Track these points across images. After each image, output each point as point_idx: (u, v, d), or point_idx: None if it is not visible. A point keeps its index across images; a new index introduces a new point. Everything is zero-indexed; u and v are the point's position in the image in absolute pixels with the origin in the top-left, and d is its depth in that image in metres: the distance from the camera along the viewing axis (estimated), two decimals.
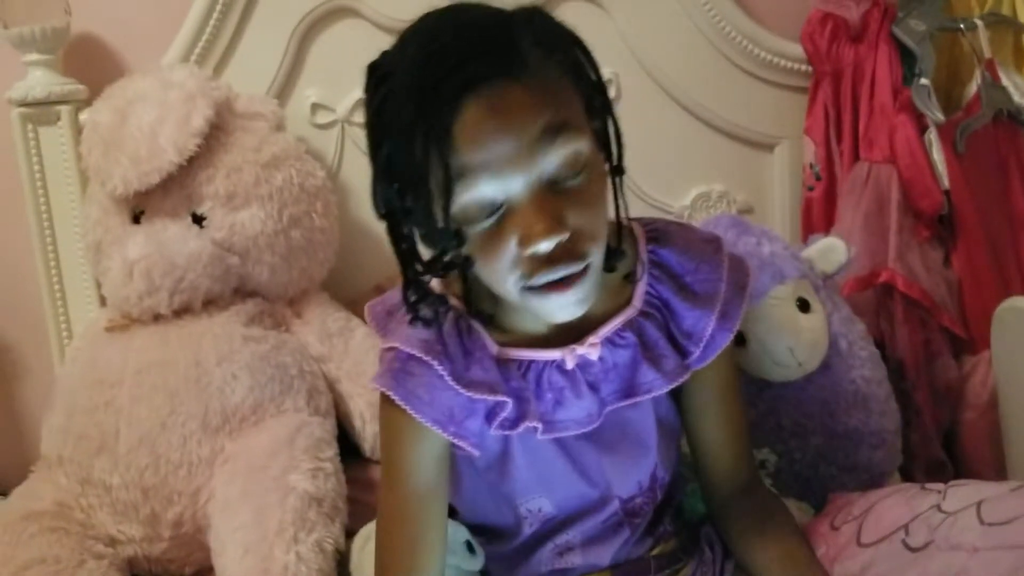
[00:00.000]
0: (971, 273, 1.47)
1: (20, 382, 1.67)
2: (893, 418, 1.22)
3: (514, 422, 0.87)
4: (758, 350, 1.14)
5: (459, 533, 0.97)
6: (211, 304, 1.35)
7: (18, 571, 1.15)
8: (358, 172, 1.55)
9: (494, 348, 0.87)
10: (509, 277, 0.77)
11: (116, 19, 1.55)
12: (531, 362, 0.87)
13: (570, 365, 0.87)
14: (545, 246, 0.74)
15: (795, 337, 1.12)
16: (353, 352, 1.42)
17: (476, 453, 0.88)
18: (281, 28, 1.52)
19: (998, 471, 1.32)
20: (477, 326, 0.87)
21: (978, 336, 1.44)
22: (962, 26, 1.50)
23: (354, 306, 1.51)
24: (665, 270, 0.89)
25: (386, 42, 1.58)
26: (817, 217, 1.55)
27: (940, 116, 1.45)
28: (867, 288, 1.44)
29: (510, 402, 0.85)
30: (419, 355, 0.84)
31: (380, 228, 0.80)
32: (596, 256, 0.78)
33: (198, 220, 1.35)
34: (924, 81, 1.46)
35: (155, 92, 1.34)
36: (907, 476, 1.31)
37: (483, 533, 1.00)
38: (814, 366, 1.15)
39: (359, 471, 1.33)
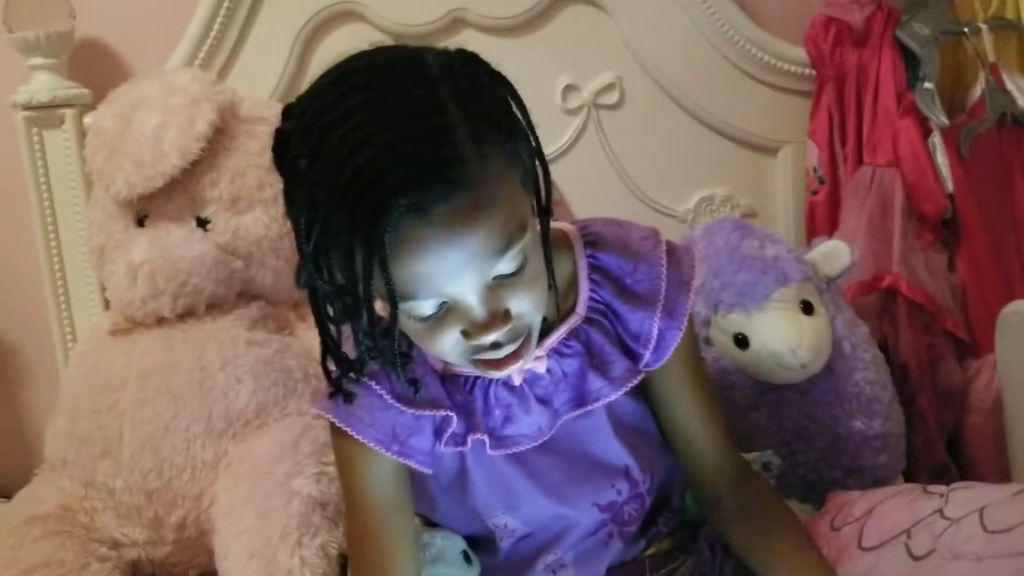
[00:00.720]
0: (975, 277, 1.47)
1: (24, 385, 1.68)
2: (897, 421, 1.22)
3: (462, 437, 0.86)
4: (762, 352, 1.14)
5: (456, 543, 0.97)
6: (215, 308, 1.34)
7: (22, 574, 1.15)
8: None
9: (438, 364, 0.86)
10: (451, 354, 0.76)
11: (120, 23, 1.56)
12: (477, 378, 0.86)
13: (517, 381, 0.86)
14: (490, 339, 0.73)
15: (798, 339, 1.12)
16: None
17: (427, 471, 0.87)
18: (285, 32, 1.52)
19: (1002, 475, 1.31)
20: None
21: (982, 340, 1.43)
22: (966, 30, 1.50)
23: None
24: (605, 273, 0.87)
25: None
26: (821, 221, 1.55)
27: (944, 120, 1.44)
28: (871, 292, 1.44)
29: (454, 416, 0.84)
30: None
31: None
32: (536, 320, 0.77)
33: (202, 224, 1.36)
34: (928, 85, 1.46)
35: (159, 96, 1.34)
36: (911, 480, 1.30)
37: (470, 544, 0.99)
38: (817, 368, 1.15)
39: None
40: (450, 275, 0.69)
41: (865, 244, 1.42)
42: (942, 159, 1.45)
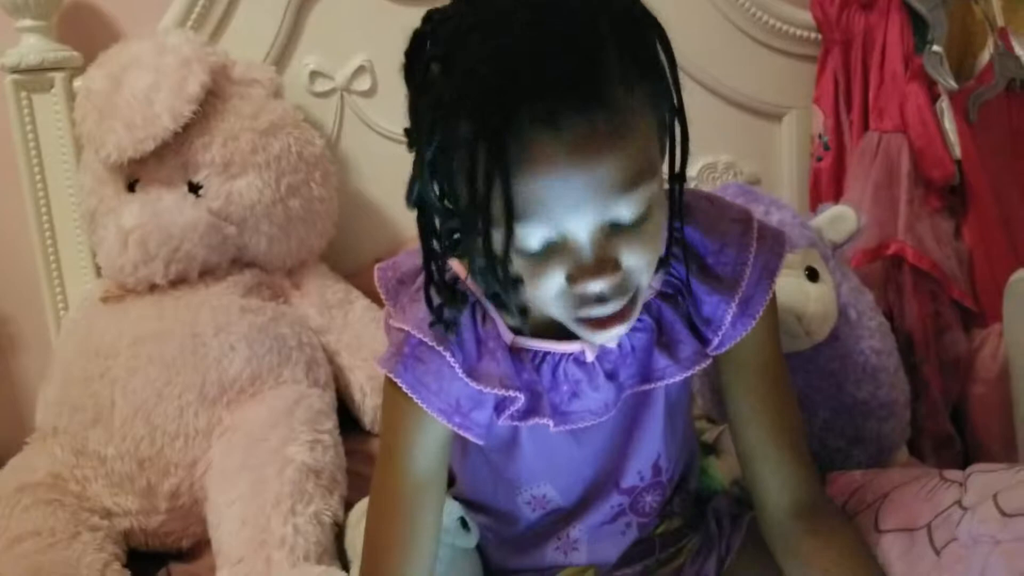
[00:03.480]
0: (982, 244, 1.45)
1: (15, 354, 1.66)
2: (902, 390, 1.20)
3: (524, 415, 0.83)
4: None
5: (453, 510, 0.96)
6: (208, 274, 1.33)
7: (11, 543, 1.13)
8: (358, 142, 1.53)
9: (509, 337, 0.81)
10: (554, 304, 0.71)
11: None
12: (547, 353, 0.82)
13: (590, 358, 0.82)
14: (596, 287, 0.69)
15: (803, 306, 1.10)
16: (353, 325, 1.41)
17: (480, 443, 0.85)
18: None
19: (1007, 446, 1.30)
20: (493, 313, 0.81)
21: (989, 308, 1.42)
22: None
23: (353, 279, 1.49)
24: (688, 249, 0.81)
25: (385, 9, 1.55)
26: (825, 188, 1.53)
27: (952, 83, 1.42)
28: (876, 260, 1.42)
29: (522, 397, 0.81)
30: (430, 343, 0.79)
31: (379, 199, 0.75)
32: (644, 282, 0.73)
33: (194, 189, 1.34)
34: (936, 48, 1.43)
35: (150, 58, 1.32)
36: (915, 449, 1.29)
37: (483, 511, 0.98)
38: (823, 336, 1.13)
39: (358, 443, 1.32)
40: (569, 204, 0.65)
41: (870, 211, 1.40)
42: (950, 125, 1.43)
